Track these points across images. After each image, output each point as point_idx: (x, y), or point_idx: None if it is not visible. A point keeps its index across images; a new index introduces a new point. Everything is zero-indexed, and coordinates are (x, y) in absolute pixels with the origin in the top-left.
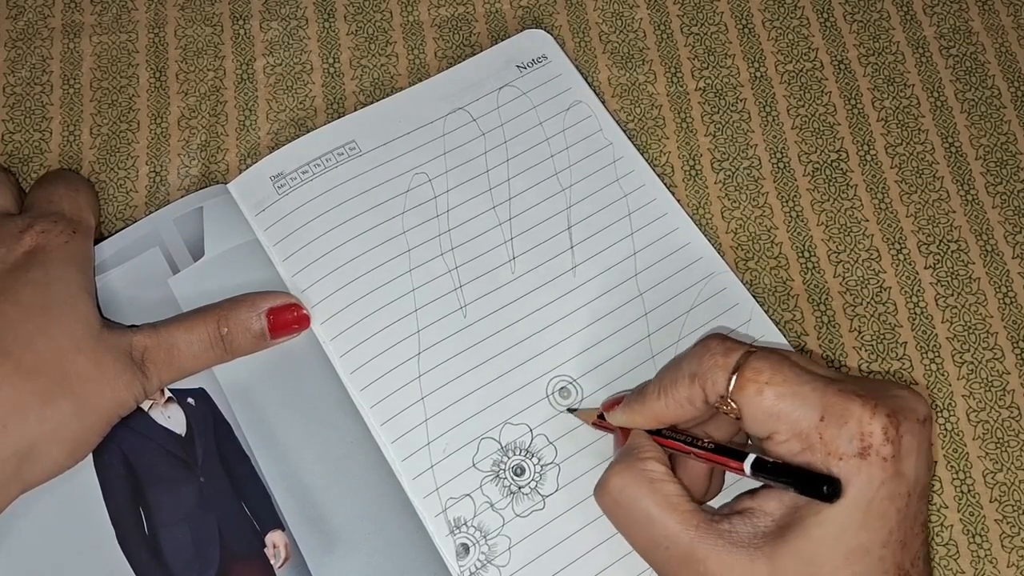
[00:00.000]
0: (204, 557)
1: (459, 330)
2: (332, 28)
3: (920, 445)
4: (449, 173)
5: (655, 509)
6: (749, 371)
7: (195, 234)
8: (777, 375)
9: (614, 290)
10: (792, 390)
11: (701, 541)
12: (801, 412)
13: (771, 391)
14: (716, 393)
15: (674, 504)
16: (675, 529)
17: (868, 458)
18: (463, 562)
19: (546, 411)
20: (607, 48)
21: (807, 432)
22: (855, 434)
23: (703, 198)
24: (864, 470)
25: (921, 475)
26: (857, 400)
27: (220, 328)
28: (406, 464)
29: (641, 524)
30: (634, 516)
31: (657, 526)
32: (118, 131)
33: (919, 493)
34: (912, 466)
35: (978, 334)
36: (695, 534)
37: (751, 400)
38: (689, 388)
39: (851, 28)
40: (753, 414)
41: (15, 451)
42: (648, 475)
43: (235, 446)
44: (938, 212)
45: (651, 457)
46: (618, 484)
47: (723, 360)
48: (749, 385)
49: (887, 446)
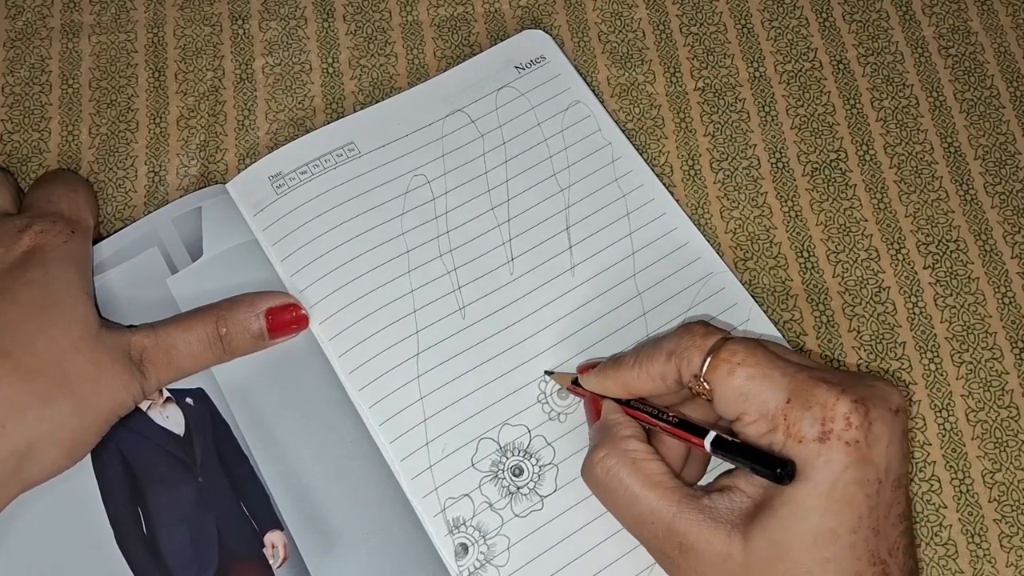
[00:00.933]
0: (203, 557)
1: (458, 331)
2: (331, 28)
3: (892, 434)
4: (448, 175)
5: (638, 488)
6: (724, 352)
7: (194, 234)
8: (750, 357)
9: (613, 290)
10: (762, 372)
11: (682, 516)
12: (769, 394)
13: (742, 371)
14: (690, 372)
15: (657, 482)
16: (657, 505)
17: (828, 442)
18: (462, 562)
19: (544, 412)
20: (606, 48)
21: (773, 414)
22: (818, 418)
23: (702, 198)
24: (824, 454)
25: (893, 464)
26: (823, 385)
27: (219, 328)
28: (405, 464)
29: (626, 502)
30: (619, 495)
31: (641, 503)
32: (117, 131)
33: (892, 482)
34: (882, 454)
35: (977, 334)
36: (676, 509)
37: (722, 380)
38: (664, 364)
39: (850, 28)
40: (723, 394)
41: (13, 451)
42: (631, 455)
43: (234, 446)
44: (937, 212)
45: (631, 435)
46: (604, 466)
47: (701, 341)
48: (722, 365)
49: (851, 431)
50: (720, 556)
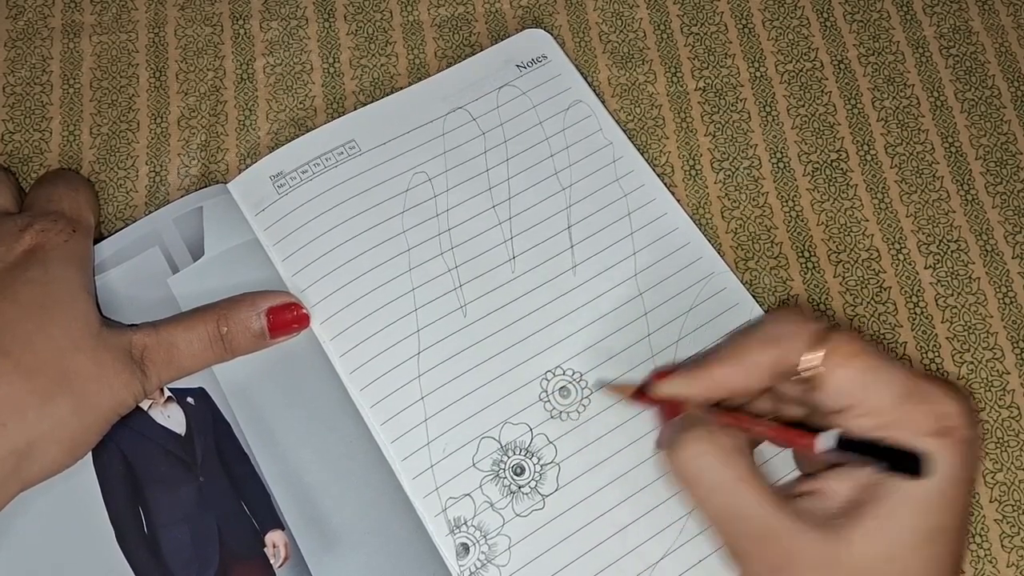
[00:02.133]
0: (203, 557)
1: (459, 329)
2: (332, 28)
3: (978, 439)
4: (449, 172)
5: (734, 480)
6: (840, 340)
7: (195, 234)
8: (868, 348)
9: (614, 290)
10: (880, 365)
11: (779, 518)
12: (886, 388)
13: (860, 362)
14: (798, 355)
15: (752, 478)
16: (752, 502)
17: (949, 438)
18: (463, 562)
19: (546, 411)
20: (607, 48)
21: (887, 408)
22: (937, 414)
23: (703, 198)
24: (947, 449)
25: (978, 467)
26: (939, 384)
27: (220, 327)
28: (406, 464)
29: (717, 493)
30: (710, 485)
31: (735, 496)
32: (118, 131)
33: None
34: (976, 455)
35: (978, 334)
36: (772, 510)
37: (838, 368)
38: (763, 351)
39: (851, 28)
40: (837, 383)
41: (13, 449)
42: (730, 443)
43: (235, 445)
44: (938, 212)
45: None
46: (696, 450)
47: (806, 326)
48: (841, 349)
49: (963, 431)
50: (821, 560)
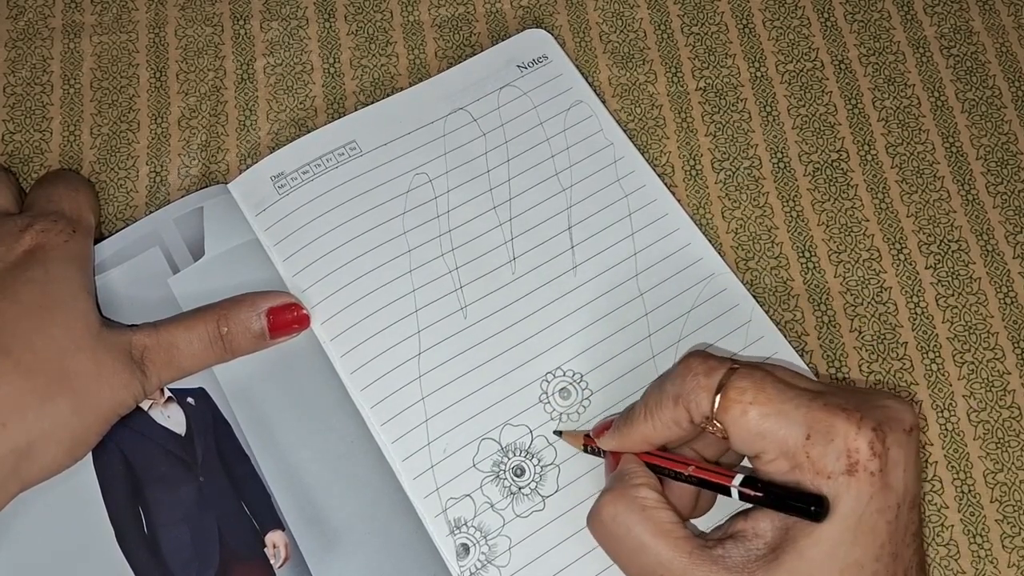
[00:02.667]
0: (204, 557)
1: (460, 331)
2: (332, 28)
3: (907, 455)
4: (450, 173)
5: (648, 537)
6: (732, 391)
7: (195, 234)
8: (760, 394)
9: (615, 290)
10: (776, 409)
11: (695, 568)
12: (786, 431)
13: (755, 411)
14: (701, 414)
15: (667, 531)
16: (668, 556)
17: (856, 474)
18: (463, 562)
19: (546, 412)
20: (607, 48)
21: (794, 451)
22: (842, 451)
23: (703, 198)
24: (853, 486)
25: (910, 485)
26: (842, 415)
27: (220, 328)
28: (406, 464)
29: (634, 552)
30: (627, 544)
31: (650, 554)
32: (118, 131)
33: (908, 503)
34: (900, 478)
35: (979, 334)
36: (688, 561)
37: (736, 421)
38: (674, 410)
39: (852, 28)
40: (739, 434)
41: (13, 449)
42: (641, 502)
43: (235, 446)
44: (939, 212)
45: (643, 483)
46: (611, 512)
47: (705, 381)
48: (733, 406)
49: (874, 460)
50: None
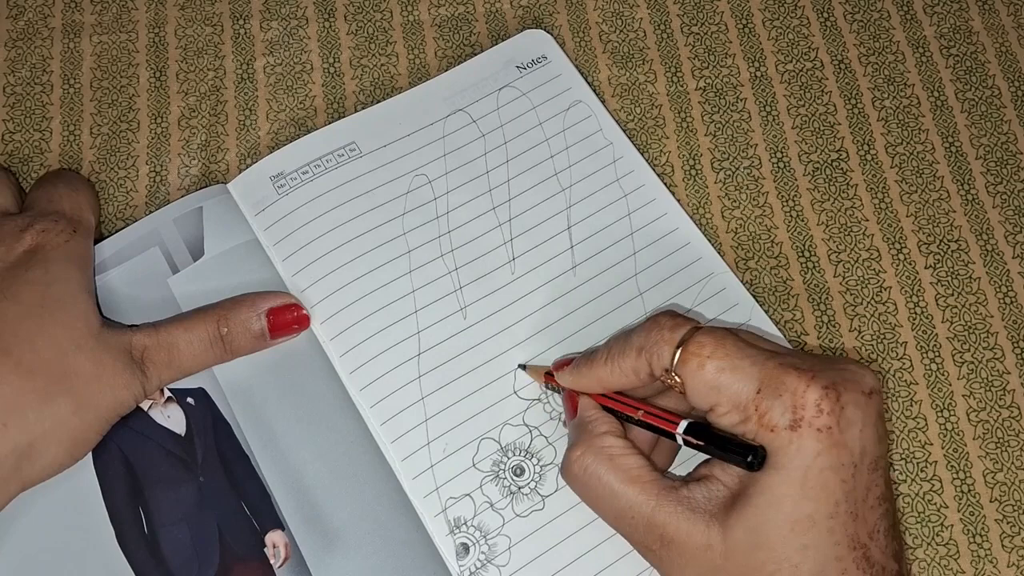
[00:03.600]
0: (204, 557)
1: (459, 331)
2: (332, 28)
3: (866, 416)
4: (449, 174)
5: (617, 484)
6: (692, 345)
7: (195, 234)
8: (719, 349)
9: (614, 290)
10: (732, 363)
11: (661, 508)
12: (740, 385)
13: (712, 364)
14: (661, 366)
15: (635, 476)
16: (636, 499)
17: (799, 429)
18: (463, 562)
19: (546, 412)
20: (607, 48)
21: (744, 404)
22: (788, 406)
23: (703, 198)
24: (795, 441)
25: (869, 446)
26: (793, 372)
27: (220, 328)
28: (406, 464)
29: (606, 499)
30: (599, 492)
31: (620, 499)
32: (118, 131)
33: (868, 465)
34: (856, 437)
35: (978, 334)
36: (655, 503)
37: (693, 373)
38: (635, 360)
39: (851, 28)
40: (695, 387)
41: (14, 449)
42: (608, 451)
43: (235, 446)
44: (938, 212)
45: (607, 431)
46: (581, 464)
47: (669, 335)
48: (691, 359)
49: (822, 417)
50: (700, 547)
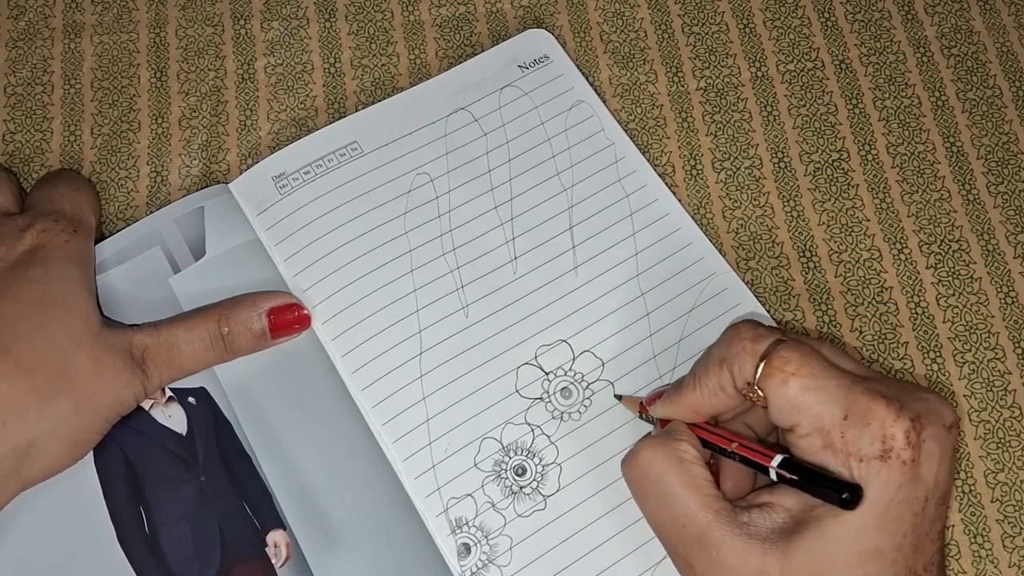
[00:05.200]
0: (205, 556)
1: (461, 330)
2: (333, 28)
3: (943, 451)
4: (451, 173)
5: (679, 487)
6: (777, 359)
7: (196, 234)
8: (804, 367)
9: (616, 290)
10: (818, 383)
11: (719, 526)
12: (824, 407)
13: (796, 382)
14: (743, 379)
15: (699, 486)
16: (695, 509)
17: (888, 461)
18: (464, 562)
19: (547, 411)
20: (608, 48)
21: (829, 429)
22: (877, 436)
23: (704, 198)
24: (884, 473)
25: (941, 480)
26: (882, 401)
27: (221, 327)
28: (407, 464)
29: (663, 499)
30: (658, 490)
31: (679, 503)
32: (119, 131)
33: (937, 499)
34: (931, 471)
35: (979, 334)
36: (714, 518)
37: (776, 389)
38: (718, 374)
39: (852, 28)
40: (777, 403)
41: (14, 448)
42: (679, 454)
43: (236, 445)
44: (939, 212)
45: (685, 440)
46: (648, 456)
47: (751, 346)
48: (776, 373)
49: (908, 450)
50: (753, 571)
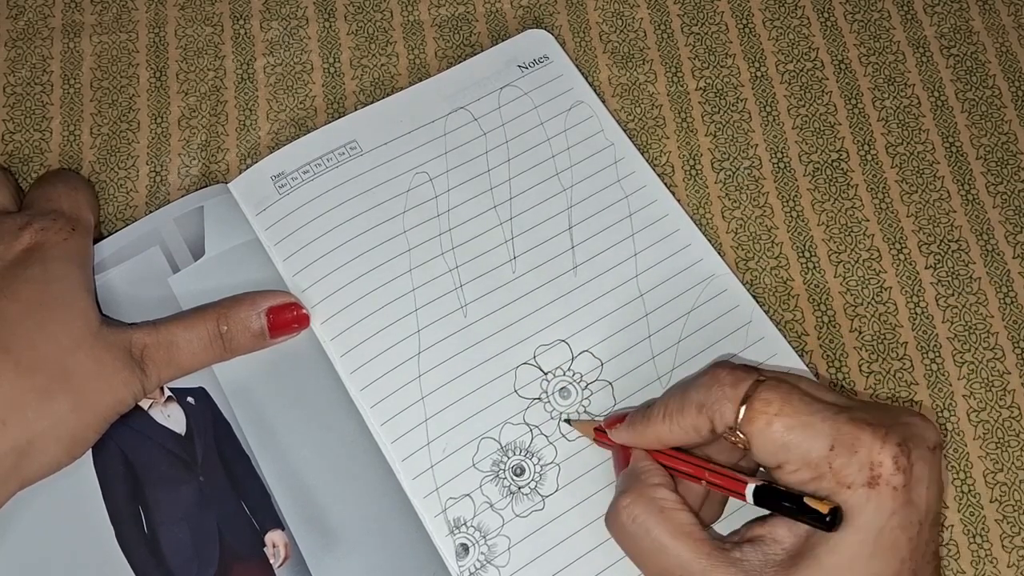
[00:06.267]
0: (203, 556)
1: (459, 329)
2: (332, 28)
3: (931, 473)
4: (450, 172)
5: (667, 538)
6: (758, 403)
7: (196, 233)
8: (787, 406)
9: (615, 291)
10: (802, 421)
11: (713, 569)
12: (811, 443)
13: (780, 423)
14: (724, 424)
15: (687, 532)
16: (687, 558)
17: (878, 487)
18: (463, 562)
19: (546, 411)
20: (607, 48)
21: (817, 462)
22: (865, 463)
23: (703, 198)
24: (874, 499)
25: (932, 503)
26: (868, 429)
27: (220, 327)
28: (406, 464)
29: (653, 553)
30: (646, 545)
31: (670, 555)
32: (118, 131)
33: (930, 522)
34: (923, 495)
35: (979, 334)
36: (707, 562)
37: (761, 432)
38: (696, 417)
39: (852, 28)
40: (763, 445)
41: (13, 447)
42: (659, 503)
43: (235, 445)
44: (939, 212)
45: (660, 484)
46: (630, 514)
47: (731, 391)
48: (759, 417)
49: (898, 475)
50: None
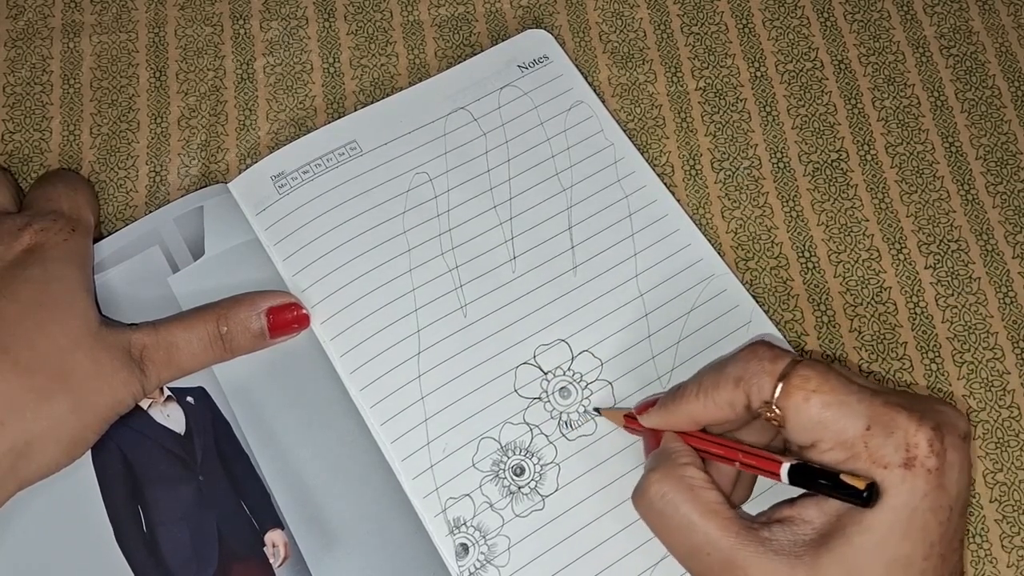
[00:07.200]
0: (203, 556)
1: (459, 329)
2: (332, 28)
3: (962, 460)
4: (450, 172)
5: (696, 516)
6: (796, 378)
7: (195, 233)
8: (824, 384)
9: (615, 291)
10: (839, 399)
11: (742, 548)
12: (847, 421)
13: (818, 399)
14: (761, 399)
15: (715, 511)
16: (716, 535)
17: (913, 468)
18: (462, 562)
19: (546, 411)
20: (607, 48)
21: (852, 441)
22: (901, 444)
23: (703, 198)
24: (908, 480)
25: (962, 490)
26: (903, 412)
27: (219, 327)
28: (406, 464)
29: (682, 531)
30: (675, 523)
31: (698, 533)
32: (118, 131)
33: (959, 509)
34: (954, 480)
35: (978, 334)
36: (735, 541)
37: (798, 407)
38: (732, 392)
39: (851, 28)
40: (799, 421)
41: (11, 447)
42: (688, 481)
43: (234, 445)
44: (938, 212)
45: (689, 463)
46: (659, 491)
47: (770, 366)
48: (796, 392)
49: (932, 458)
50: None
